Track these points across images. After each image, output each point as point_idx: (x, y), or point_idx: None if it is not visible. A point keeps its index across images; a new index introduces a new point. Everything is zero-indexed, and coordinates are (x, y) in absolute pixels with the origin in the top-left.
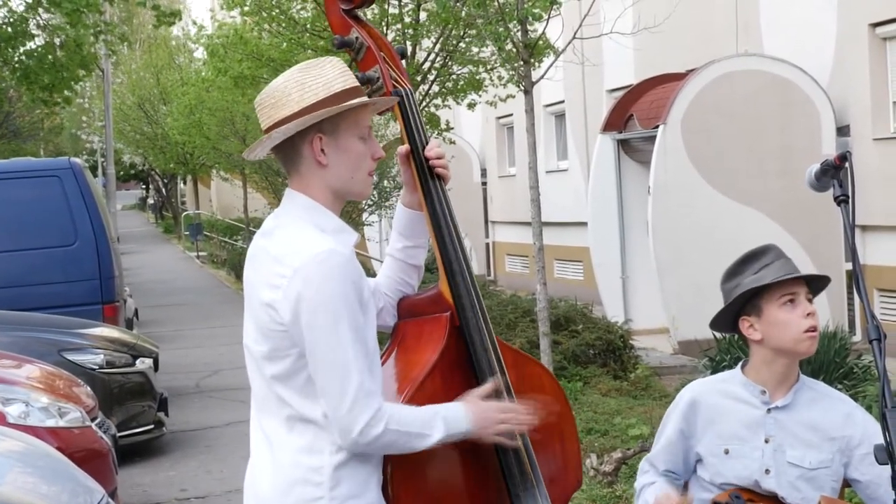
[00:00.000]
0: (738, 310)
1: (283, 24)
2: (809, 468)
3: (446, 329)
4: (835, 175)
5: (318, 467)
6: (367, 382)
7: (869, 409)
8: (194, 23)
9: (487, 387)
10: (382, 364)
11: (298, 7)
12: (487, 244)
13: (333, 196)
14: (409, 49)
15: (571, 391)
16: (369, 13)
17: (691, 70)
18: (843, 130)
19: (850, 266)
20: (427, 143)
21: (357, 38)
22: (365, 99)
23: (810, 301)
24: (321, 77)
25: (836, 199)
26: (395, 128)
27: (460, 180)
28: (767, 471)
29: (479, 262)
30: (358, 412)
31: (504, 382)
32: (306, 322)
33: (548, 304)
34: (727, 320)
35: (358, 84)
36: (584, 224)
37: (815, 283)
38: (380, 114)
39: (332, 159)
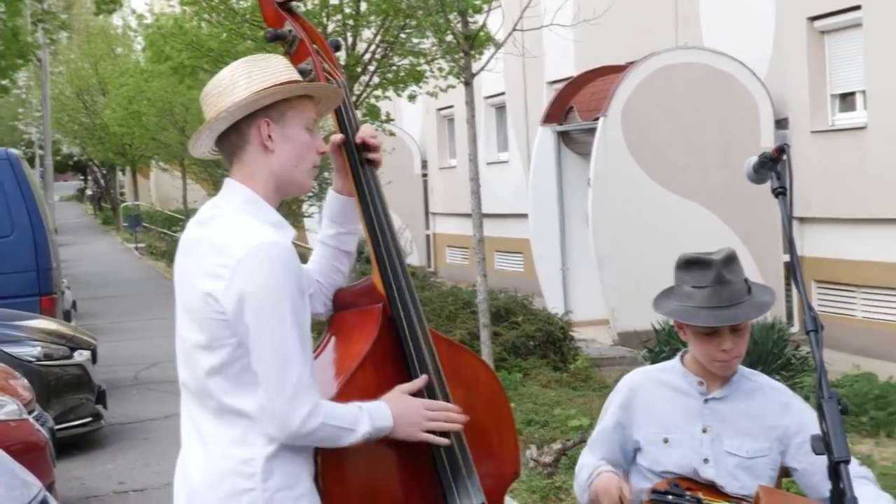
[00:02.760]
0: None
1: (223, 15)
2: (747, 457)
3: (378, 320)
4: (773, 167)
5: (249, 459)
6: (306, 375)
7: (807, 399)
8: (134, 12)
9: (417, 382)
10: (316, 357)
11: None
12: (428, 236)
13: (275, 186)
14: (350, 40)
15: (511, 383)
16: (309, 4)
17: (631, 62)
18: (781, 123)
19: (788, 258)
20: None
21: (290, 31)
22: (316, 84)
23: (740, 329)
24: (268, 68)
25: (774, 191)
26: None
27: (401, 172)
28: (706, 460)
29: (420, 254)
30: (298, 404)
31: (437, 374)
32: (251, 313)
33: (488, 296)
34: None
35: (302, 79)
36: (524, 216)
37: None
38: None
39: (278, 146)
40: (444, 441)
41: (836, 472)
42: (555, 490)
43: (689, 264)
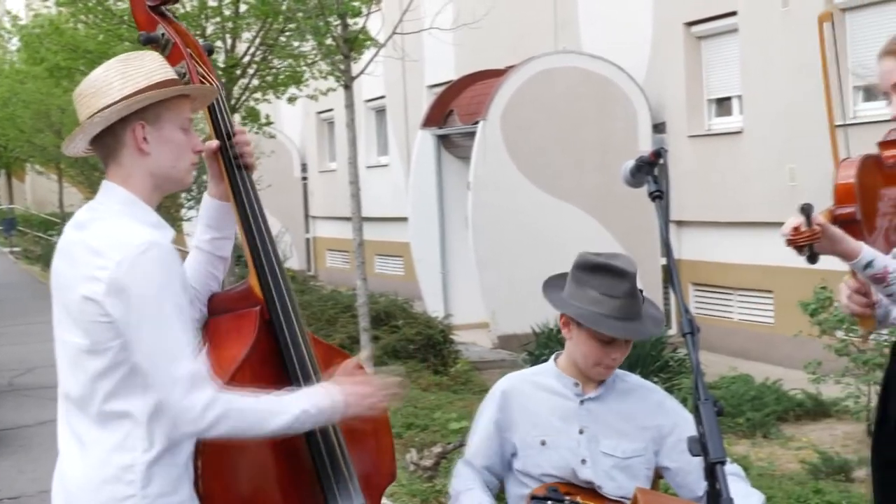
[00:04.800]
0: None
1: (100, 16)
2: (623, 457)
3: (256, 324)
4: (649, 171)
5: (129, 465)
6: (200, 367)
7: (684, 401)
8: (9, 13)
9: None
10: None
11: None
12: (308, 239)
13: (153, 186)
14: (229, 42)
15: None
16: (188, 6)
17: (511, 66)
18: (659, 127)
19: (665, 261)
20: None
21: (163, 34)
22: (190, 86)
23: (629, 342)
24: (143, 67)
25: (650, 194)
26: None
27: (280, 175)
28: (584, 461)
29: (300, 258)
30: (195, 396)
31: (316, 378)
32: (135, 313)
33: (368, 300)
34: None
35: (177, 77)
36: (404, 219)
37: None
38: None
39: (154, 148)
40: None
41: (712, 472)
42: (435, 493)
43: (599, 269)
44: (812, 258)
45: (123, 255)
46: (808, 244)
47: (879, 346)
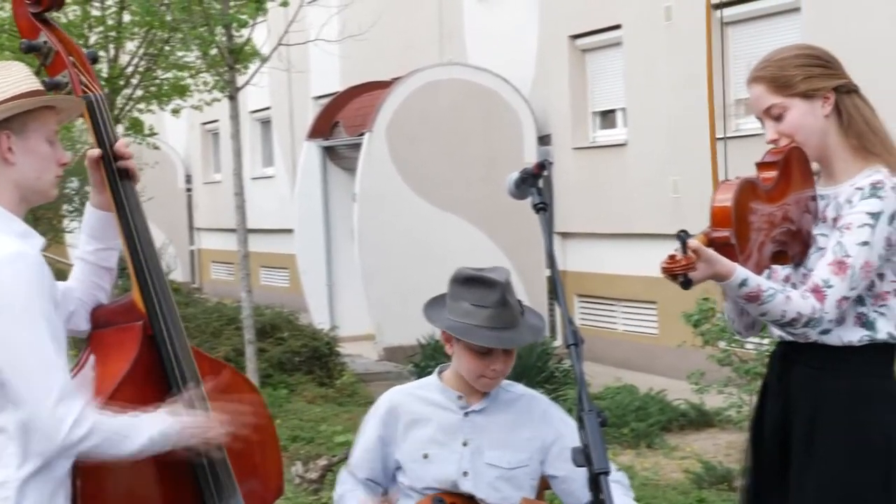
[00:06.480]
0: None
1: None
2: (508, 468)
3: (139, 339)
4: (534, 183)
5: (3, 482)
6: (68, 381)
7: (570, 411)
8: None
9: (179, 398)
10: (74, 375)
11: None
12: (192, 251)
13: (20, 198)
14: (113, 52)
15: (277, 399)
16: (70, 15)
17: (396, 78)
18: (544, 140)
19: (550, 272)
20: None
21: (45, 42)
22: (55, 96)
23: (509, 351)
24: (9, 77)
25: (534, 206)
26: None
27: (164, 187)
28: (466, 473)
29: (184, 270)
30: (63, 411)
31: (198, 392)
32: (1, 325)
33: (253, 312)
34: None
35: (43, 88)
36: (290, 231)
37: None
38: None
39: (19, 159)
40: (212, 453)
41: (596, 483)
42: None
43: (470, 281)
44: (686, 284)
45: None
46: (682, 273)
47: (761, 356)
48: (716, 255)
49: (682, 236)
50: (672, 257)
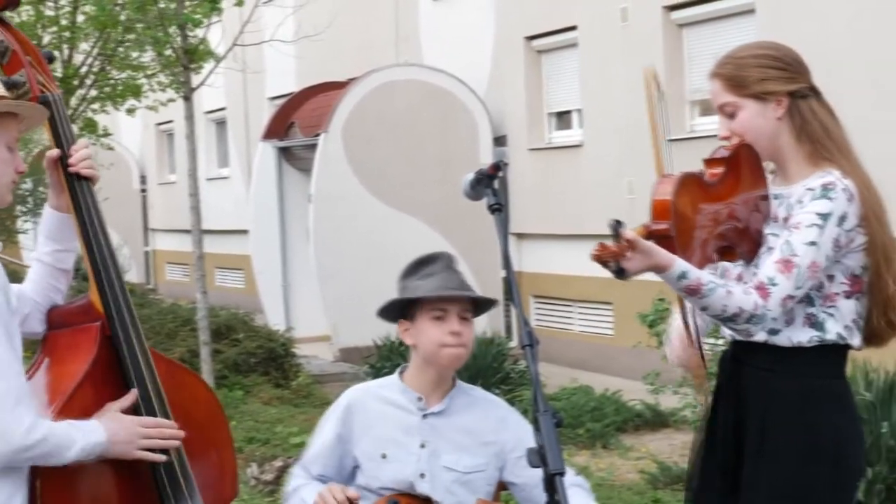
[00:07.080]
0: (398, 313)
1: None
2: (464, 472)
3: (97, 340)
4: (489, 184)
5: None
6: (23, 386)
7: (525, 412)
8: None
9: (128, 398)
10: (29, 378)
11: None
12: (147, 252)
13: None
14: (67, 52)
15: (233, 400)
16: (24, 15)
17: (352, 79)
18: (500, 140)
19: (505, 273)
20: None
21: (2, 41)
22: (17, 102)
23: (467, 318)
24: None
25: (490, 207)
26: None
27: (119, 187)
28: (423, 475)
29: (139, 271)
30: (21, 413)
31: (157, 394)
32: None
33: (208, 313)
34: (394, 316)
35: (5, 93)
36: (245, 232)
37: (480, 303)
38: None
39: None
40: (160, 458)
41: (551, 484)
42: None
43: (414, 264)
44: (619, 273)
45: None
46: (612, 260)
47: (717, 357)
48: (654, 246)
49: (614, 225)
50: (602, 245)
